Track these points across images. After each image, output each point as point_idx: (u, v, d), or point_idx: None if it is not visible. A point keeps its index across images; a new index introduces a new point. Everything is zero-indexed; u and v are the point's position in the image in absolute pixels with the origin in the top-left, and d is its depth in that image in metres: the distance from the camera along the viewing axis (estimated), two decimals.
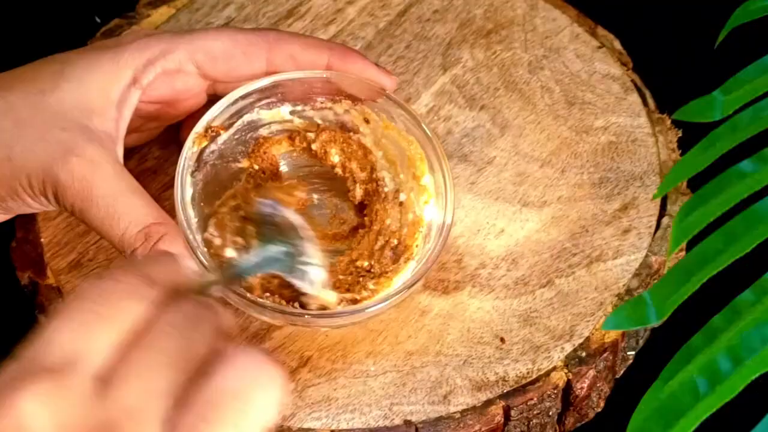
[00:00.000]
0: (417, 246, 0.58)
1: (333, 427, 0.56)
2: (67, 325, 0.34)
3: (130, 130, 0.59)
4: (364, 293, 0.56)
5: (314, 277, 0.55)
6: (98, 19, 0.76)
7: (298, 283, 0.54)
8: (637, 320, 0.47)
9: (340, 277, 0.57)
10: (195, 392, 0.33)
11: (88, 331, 0.34)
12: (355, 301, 0.56)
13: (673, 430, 0.42)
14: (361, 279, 0.57)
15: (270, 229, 0.55)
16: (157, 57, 0.57)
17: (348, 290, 0.57)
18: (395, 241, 0.59)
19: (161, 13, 0.71)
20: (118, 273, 0.35)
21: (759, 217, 0.47)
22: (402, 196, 0.60)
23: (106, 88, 0.56)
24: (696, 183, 0.62)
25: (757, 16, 0.56)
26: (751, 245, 0.47)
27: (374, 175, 0.60)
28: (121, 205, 0.53)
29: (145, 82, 0.57)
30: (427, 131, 0.59)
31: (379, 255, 0.58)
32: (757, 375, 0.43)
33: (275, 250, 0.53)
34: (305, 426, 0.56)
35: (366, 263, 0.58)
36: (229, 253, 0.55)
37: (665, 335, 0.64)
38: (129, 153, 0.63)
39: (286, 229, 0.55)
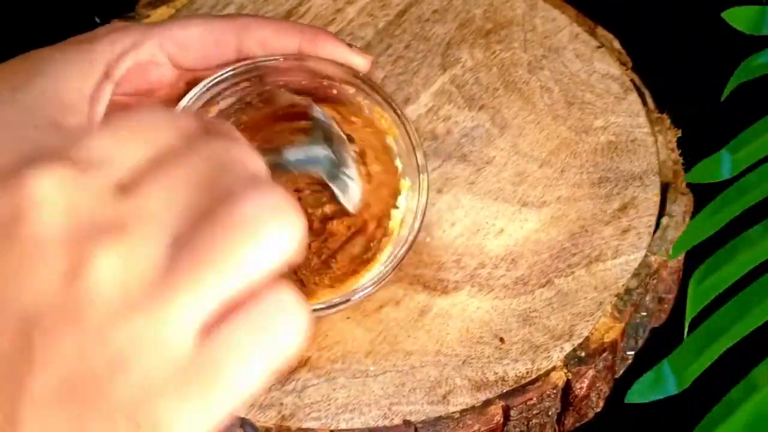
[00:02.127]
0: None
1: (332, 427, 0.56)
2: (101, 132, 0.33)
3: None
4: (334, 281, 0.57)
5: (351, 190, 0.54)
6: (98, 20, 0.76)
7: (336, 191, 0.54)
8: (659, 391, 0.48)
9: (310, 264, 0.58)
10: (211, 217, 0.32)
11: (122, 141, 0.33)
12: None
13: None
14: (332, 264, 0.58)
15: (317, 133, 0.54)
16: (129, 49, 0.57)
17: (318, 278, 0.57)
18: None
19: (161, 14, 0.71)
20: (163, 107, 0.35)
21: None
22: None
23: (78, 84, 0.56)
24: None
25: (760, 73, 0.56)
26: (767, 315, 0.47)
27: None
28: None
29: (117, 75, 0.57)
30: (400, 112, 0.59)
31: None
32: None
33: (321, 151, 0.52)
34: (304, 426, 0.56)
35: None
36: None
37: (665, 335, 0.64)
38: None
39: (332, 137, 0.54)
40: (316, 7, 0.72)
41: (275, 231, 0.32)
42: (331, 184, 0.54)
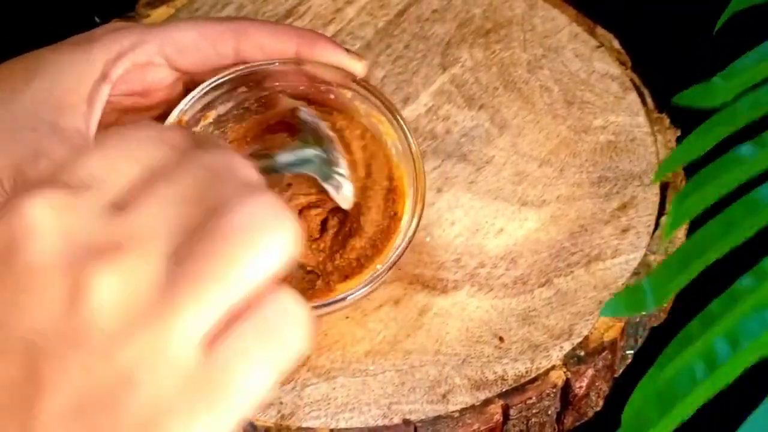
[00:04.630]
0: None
1: (332, 426, 0.56)
2: (91, 154, 0.33)
3: (109, 124, 0.59)
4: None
5: (344, 188, 0.55)
6: (98, 19, 0.76)
7: (329, 189, 0.55)
8: (635, 307, 0.47)
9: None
10: (207, 228, 0.32)
11: (112, 161, 0.33)
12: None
13: (670, 415, 0.42)
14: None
15: (306, 134, 0.55)
16: (127, 50, 0.57)
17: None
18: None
19: (160, 13, 0.71)
20: (151, 124, 0.35)
21: (758, 203, 0.47)
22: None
23: (76, 84, 0.56)
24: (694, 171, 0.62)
25: (758, 1, 0.56)
26: (751, 232, 0.46)
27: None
28: None
29: (114, 76, 0.57)
30: (398, 116, 0.59)
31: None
32: (755, 360, 0.43)
33: (311, 152, 0.53)
34: (304, 425, 0.56)
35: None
36: None
37: (664, 335, 0.64)
38: None
39: (322, 137, 0.55)
40: (316, 7, 0.72)
41: (270, 237, 0.32)
42: (324, 184, 0.55)
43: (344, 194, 0.55)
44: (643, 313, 0.49)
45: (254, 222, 0.32)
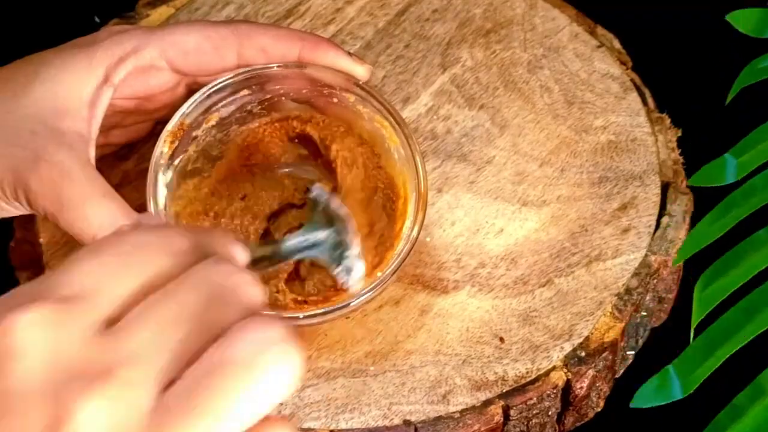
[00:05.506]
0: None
1: (332, 427, 0.56)
2: (88, 263, 0.32)
3: (111, 127, 0.59)
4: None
5: (355, 270, 0.54)
6: (98, 19, 0.76)
7: (339, 274, 0.54)
8: (664, 396, 0.48)
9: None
10: (204, 358, 0.31)
11: (109, 272, 0.32)
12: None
13: None
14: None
15: (316, 215, 0.54)
16: (129, 54, 0.57)
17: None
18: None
19: (161, 13, 0.71)
20: (154, 227, 0.34)
21: None
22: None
23: (78, 88, 0.55)
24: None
25: (765, 75, 0.56)
26: None
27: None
28: (90, 208, 0.53)
29: (116, 80, 0.56)
30: (399, 120, 0.59)
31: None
32: None
33: (320, 235, 0.52)
34: (304, 426, 0.56)
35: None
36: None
37: (665, 335, 0.64)
38: (128, 153, 0.63)
39: (333, 217, 0.54)
40: (316, 7, 0.71)
41: (271, 374, 0.31)
42: (332, 270, 0.54)
43: (355, 277, 0.54)
44: (673, 400, 0.49)
45: (253, 358, 0.31)
